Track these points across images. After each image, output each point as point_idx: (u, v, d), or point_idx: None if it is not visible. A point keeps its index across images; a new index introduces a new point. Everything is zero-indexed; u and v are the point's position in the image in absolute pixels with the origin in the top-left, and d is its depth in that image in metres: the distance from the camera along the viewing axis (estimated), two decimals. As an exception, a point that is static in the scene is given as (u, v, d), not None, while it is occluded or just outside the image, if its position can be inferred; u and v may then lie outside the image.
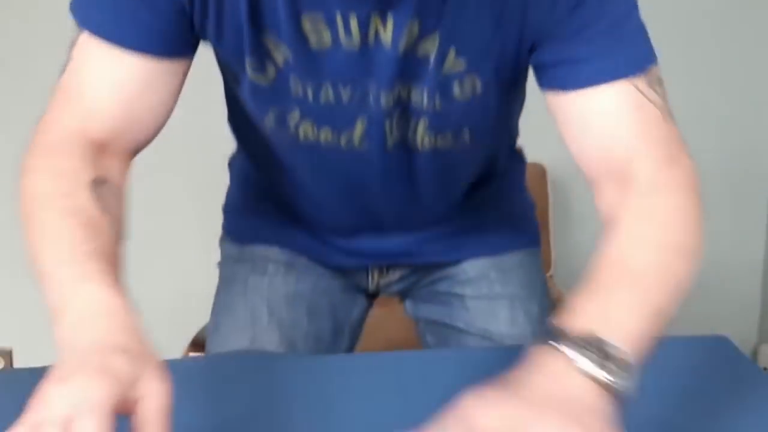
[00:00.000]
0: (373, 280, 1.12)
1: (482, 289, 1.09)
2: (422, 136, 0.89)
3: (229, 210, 1.17)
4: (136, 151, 0.84)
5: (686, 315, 2.66)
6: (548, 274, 2.21)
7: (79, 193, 0.74)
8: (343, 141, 0.88)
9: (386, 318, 1.39)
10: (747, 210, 2.34)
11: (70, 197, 0.74)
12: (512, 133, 1.13)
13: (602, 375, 0.60)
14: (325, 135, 0.88)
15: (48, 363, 0.93)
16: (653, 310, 0.68)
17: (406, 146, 0.90)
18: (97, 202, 0.74)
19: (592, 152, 0.81)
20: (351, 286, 1.13)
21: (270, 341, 1.01)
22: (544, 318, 1.10)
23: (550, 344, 0.61)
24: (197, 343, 1.55)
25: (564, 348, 0.61)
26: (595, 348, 0.61)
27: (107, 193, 0.76)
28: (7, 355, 1.90)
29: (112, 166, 0.80)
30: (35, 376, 0.89)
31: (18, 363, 2.12)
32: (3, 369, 1.68)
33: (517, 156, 1.21)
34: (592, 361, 0.60)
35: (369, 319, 1.18)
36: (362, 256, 1.09)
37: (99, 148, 0.79)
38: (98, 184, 0.76)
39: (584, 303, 0.66)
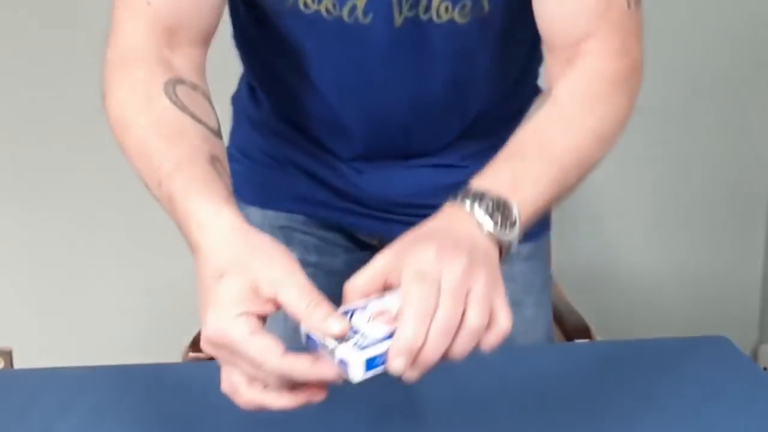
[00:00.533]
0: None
1: None
2: (438, 3, 0.83)
3: (235, 158, 1.11)
4: (206, 38, 0.83)
5: (686, 315, 2.67)
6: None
7: (156, 102, 0.74)
8: (345, 12, 0.84)
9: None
10: (747, 211, 2.35)
11: (146, 109, 0.74)
12: (534, 69, 1.05)
13: (496, 230, 0.66)
14: (326, 3, 0.84)
15: (48, 363, 0.94)
16: (558, 185, 0.74)
17: (417, 21, 0.85)
18: (175, 105, 0.74)
19: (553, 22, 0.82)
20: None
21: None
22: (537, 320, 1.08)
23: (460, 201, 0.68)
24: (198, 343, 1.55)
25: (471, 205, 0.67)
26: (496, 207, 0.67)
27: (183, 92, 0.76)
28: (7, 355, 1.90)
29: (184, 63, 0.79)
30: (35, 376, 0.89)
31: (18, 363, 2.13)
32: (3, 369, 1.68)
33: None
34: (491, 216, 0.66)
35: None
36: (371, 209, 1.04)
37: (169, 43, 0.79)
38: (173, 85, 0.76)
39: (500, 164, 0.72)
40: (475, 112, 0.98)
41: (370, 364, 0.59)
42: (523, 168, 0.72)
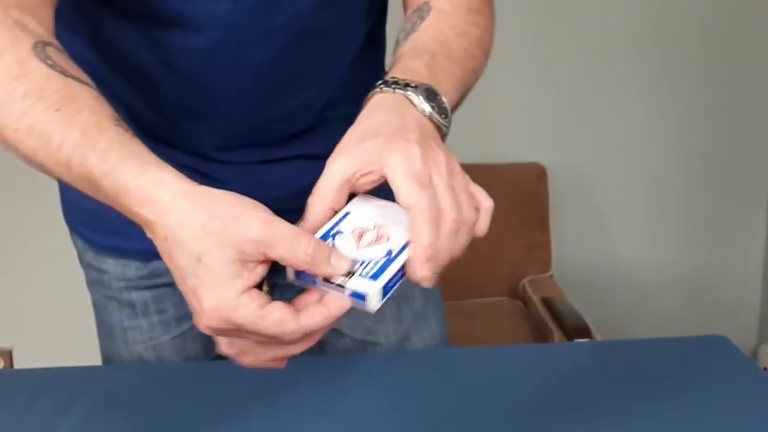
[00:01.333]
0: None
1: None
2: None
3: (62, 185, 1.07)
4: (54, 3, 0.75)
5: (686, 315, 2.68)
6: (548, 274, 2.22)
7: (29, 67, 0.65)
8: None
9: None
10: (747, 211, 2.35)
11: (22, 79, 0.65)
12: (381, 36, 1.01)
13: (435, 114, 0.67)
14: None
15: (48, 363, 0.94)
16: (460, 83, 0.75)
17: None
18: (53, 69, 0.66)
19: None
20: None
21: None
22: (428, 312, 1.04)
23: (390, 89, 0.68)
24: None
25: (404, 90, 0.67)
26: (427, 92, 0.68)
27: (55, 54, 0.68)
28: (7, 355, 1.90)
29: (39, 25, 0.70)
30: (35, 376, 0.89)
31: (18, 363, 2.13)
32: (3, 369, 1.68)
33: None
34: (426, 100, 0.67)
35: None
36: None
37: (17, 4, 0.70)
38: (42, 47, 0.67)
39: (411, 60, 0.72)
40: (335, 77, 0.93)
41: (386, 289, 0.59)
42: (434, 65, 0.72)
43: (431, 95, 0.68)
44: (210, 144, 0.92)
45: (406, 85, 0.68)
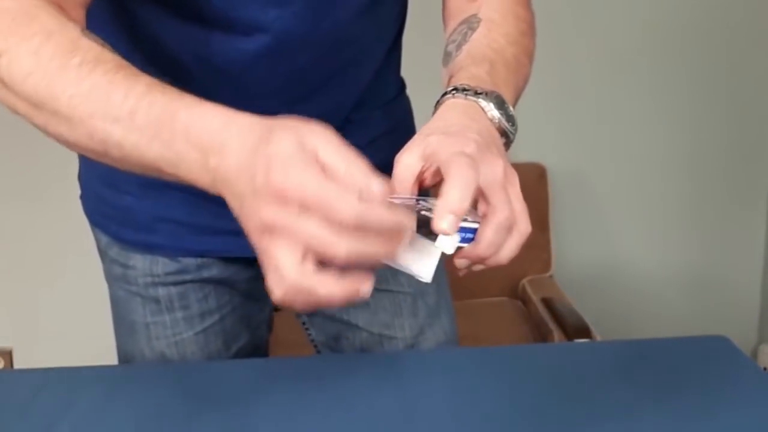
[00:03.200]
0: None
1: (388, 282, 1.02)
2: None
3: (86, 180, 1.01)
4: (86, 2, 0.75)
5: (686, 315, 2.67)
6: (548, 274, 2.22)
7: (82, 44, 0.65)
8: None
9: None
10: (747, 211, 2.35)
11: (76, 52, 0.64)
12: (400, 40, 1.03)
13: (503, 121, 0.71)
14: None
15: (48, 363, 0.94)
16: (516, 90, 0.79)
17: None
18: (104, 48, 0.66)
19: None
20: (254, 287, 1.03)
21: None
22: (440, 308, 1.06)
23: (462, 95, 0.71)
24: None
25: (475, 98, 0.71)
26: (496, 100, 0.71)
27: (90, 35, 0.68)
28: (7, 355, 1.90)
29: (78, 24, 0.70)
30: (35, 376, 0.89)
31: (18, 363, 2.13)
32: (3, 369, 1.68)
33: (406, 103, 1.10)
34: (496, 108, 0.71)
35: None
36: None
37: (56, 2, 0.70)
38: (89, 34, 0.67)
39: (474, 69, 0.76)
40: (363, 81, 0.96)
41: (461, 236, 0.62)
42: (494, 73, 0.76)
43: (500, 103, 0.71)
44: None
45: (476, 93, 0.71)
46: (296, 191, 0.53)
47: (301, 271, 0.54)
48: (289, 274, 0.54)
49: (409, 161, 0.65)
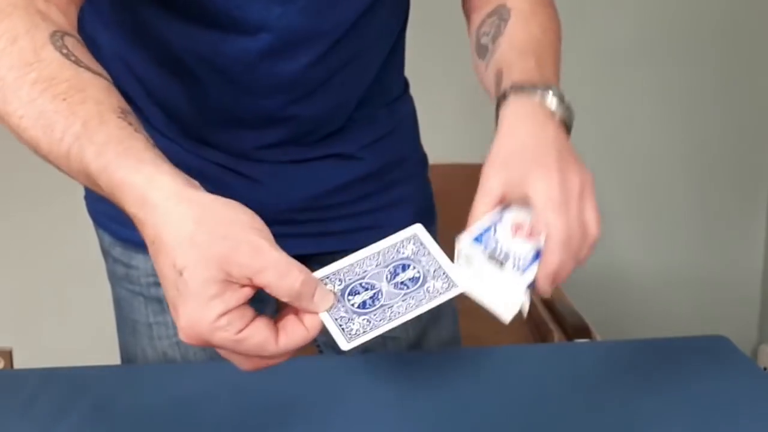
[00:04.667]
0: None
1: None
2: None
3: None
4: (79, 2, 0.73)
5: (686, 315, 2.67)
6: (548, 274, 2.21)
7: (44, 55, 0.63)
8: None
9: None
10: (747, 210, 2.35)
11: (34, 65, 0.63)
12: (403, 39, 1.03)
13: (566, 116, 0.73)
14: None
15: (48, 363, 0.94)
16: (559, 79, 0.81)
17: None
18: (67, 59, 0.64)
19: None
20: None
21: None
22: (444, 310, 1.02)
23: (523, 94, 0.72)
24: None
25: (539, 98, 0.72)
26: (557, 94, 0.73)
27: (73, 44, 0.66)
28: (7, 355, 1.89)
29: (63, 20, 0.69)
30: (35, 376, 0.89)
31: (18, 363, 2.13)
32: (3, 369, 1.68)
33: (409, 102, 1.09)
34: (559, 104, 0.72)
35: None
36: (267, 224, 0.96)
37: (46, 3, 0.68)
38: (61, 37, 0.65)
39: (523, 63, 0.77)
40: (367, 79, 0.96)
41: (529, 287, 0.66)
42: (542, 65, 0.77)
43: (560, 97, 0.73)
44: (248, 142, 0.93)
45: (536, 88, 0.72)
46: (210, 346, 0.56)
47: (261, 362, 0.58)
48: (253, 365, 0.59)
49: (493, 186, 0.67)
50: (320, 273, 0.61)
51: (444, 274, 0.61)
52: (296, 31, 0.85)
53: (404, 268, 0.62)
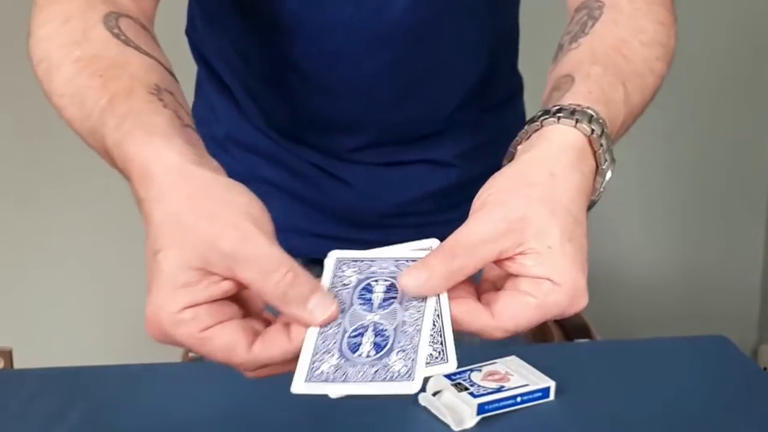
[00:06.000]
0: None
1: None
2: None
3: None
4: None
5: (686, 315, 2.67)
6: (548, 274, 2.21)
7: (92, 34, 0.61)
8: None
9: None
10: (747, 210, 2.35)
11: (81, 44, 0.60)
12: (513, 40, 1.00)
13: (603, 166, 0.56)
14: None
15: (48, 363, 0.94)
16: (634, 117, 0.65)
17: None
18: (117, 38, 0.60)
19: None
20: None
21: None
22: None
23: (570, 120, 0.55)
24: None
25: (585, 131, 0.55)
26: (612, 157, 0.56)
27: (128, 26, 0.63)
28: (7, 355, 1.89)
29: (132, 5, 0.66)
30: (35, 376, 0.89)
31: (18, 363, 2.13)
32: (3, 369, 1.68)
33: (519, 107, 1.07)
34: (608, 150, 0.55)
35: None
36: (357, 227, 0.95)
37: None
38: (115, 18, 0.63)
39: (585, 86, 0.59)
40: (464, 83, 0.95)
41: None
42: (621, 91, 0.60)
43: (608, 137, 0.55)
44: (339, 143, 0.94)
45: (579, 117, 0.54)
46: (172, 343, 0.50)
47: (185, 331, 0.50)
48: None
49: (485, 241, 0.51)
50: (340, 254, 0.54)
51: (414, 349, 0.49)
52: (369, 32, 0.84)
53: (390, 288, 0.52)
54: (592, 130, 0.54)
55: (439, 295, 0.52)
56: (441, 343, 0.50)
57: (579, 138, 0.54)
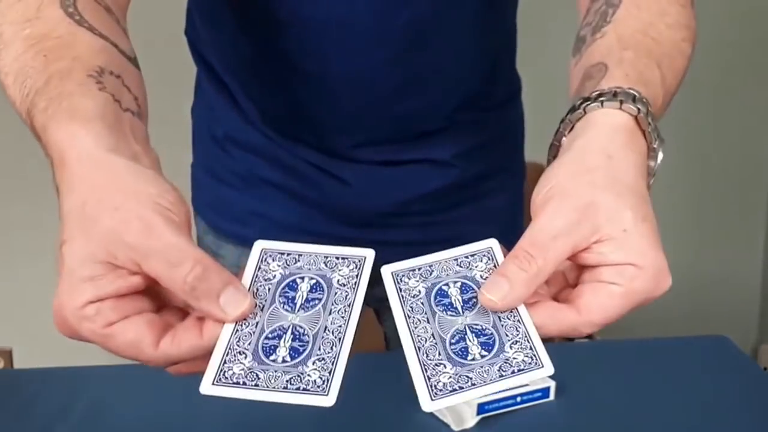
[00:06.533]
0: None
1: None
2: None
3: (195, 170, 1.04)
4: None
5: (686, 315, 2.67)
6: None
7: (46, 12, 0.57)
8: None
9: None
10: (747, 210, 2.35)
11: (33, 21, 0.57)
12: (511, 50, 1.01)
13: (655, 147, 0.53)
14: None
15: (48, 363, 0.94)
16: (671, 95, 0.61)
17: None
18: (70, 18, 0.57)
19: None
20: None
21: None
22: None
23: (615, 101, 0.52)
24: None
25: (636, 113, 0.52)
26: (652, 116, 0.53)
27: (85, 5, 0.58)
28: (7, 355, 1.89)
29: None
30: (35, 376, 0.89)
31: (18, 363, 2.13)
32: (3, 369, 1.68)
33: (518, 107, 1.08)
34: (654, 130, 0.53)
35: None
36: (355, 227, 0.96)
37: None
38: None
39: (626, 65, 0.57)
40: (463, 82, 0.94)
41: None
42: (653, 68, 0.57)
43: (653, 117, 0.53)
44: (338, 140, 0.93)
45: (622, 98, 0.52)
46: (78, 338, 0.47)
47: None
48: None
49: (561, 239, 0.48)
50: (266, 244, 0.50)
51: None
52: (366, 29, 0.83)
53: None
54: (639, 110, 0.52)
55: None
56: (531, 348, 0.47)
57: (627, 119, 0.52)
